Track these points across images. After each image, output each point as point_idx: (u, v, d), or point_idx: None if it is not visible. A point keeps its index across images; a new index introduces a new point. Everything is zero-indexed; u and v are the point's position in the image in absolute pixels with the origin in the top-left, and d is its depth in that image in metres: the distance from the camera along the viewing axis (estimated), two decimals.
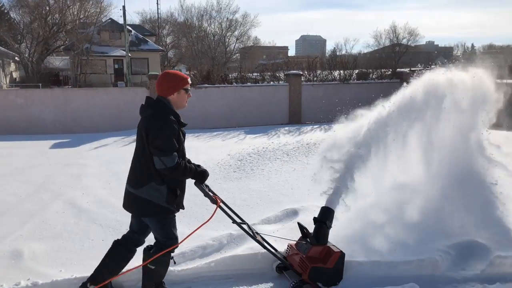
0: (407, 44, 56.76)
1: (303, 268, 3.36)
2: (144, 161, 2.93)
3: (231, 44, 44.97)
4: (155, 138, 2.83)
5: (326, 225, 3.52)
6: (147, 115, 2.95)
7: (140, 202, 2.97)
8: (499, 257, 3.63)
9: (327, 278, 3.35)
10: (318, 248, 3.44)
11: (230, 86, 13.58)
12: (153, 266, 3.05)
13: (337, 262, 3.36)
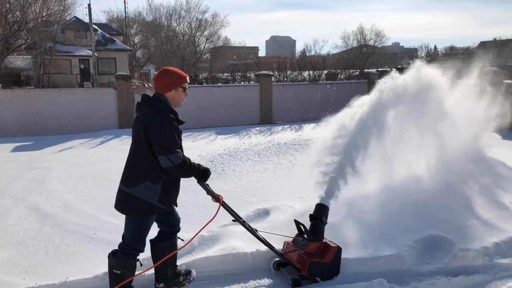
0: (374, 45, 58.30)
1: (302, 264, 3.45)
2: (139, 159, 2.89)
3: (201, 44, 44.65)
4: (159, 137, 2.79)
5: (322, 222, 3.64)
6: (145, 112, 2.88)
7: (131, 201, 2.91)
8: (462, 250, 3.77)
9: (325, 272, 3.47)
10: (315, 243, 3.55)
11: (200, 87, 13.47)
12: (119, 271, 2.98)
13: (334, 257, 3.48)
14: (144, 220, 2.99)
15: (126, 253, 3.00)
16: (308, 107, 14.56)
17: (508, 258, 3.73)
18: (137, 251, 3.05)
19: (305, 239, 3.60)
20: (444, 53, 65.91)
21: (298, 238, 3.68)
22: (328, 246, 3.53)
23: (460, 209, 4.83)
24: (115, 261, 3.00)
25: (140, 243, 3.03)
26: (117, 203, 3.03)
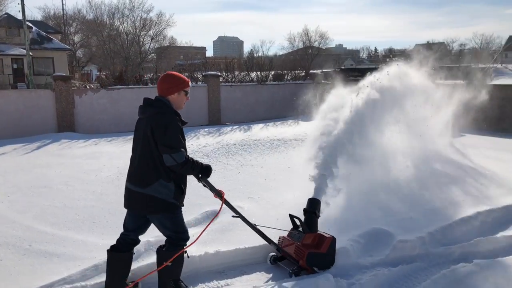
0: (319, 46, 60.03)
1: (300, 255, 3.60)
2: (151, 160, 2.99)
3: (145, 44, 43.33)
4: (163, 136, 2.92)
5: (316, 215, 3.86)
6: (150, 114, 3.01)
7: (149, 200, 3.01)
8: (401, 242, 3.99)
9: (322, 262, 3.62)
10: (310, 235, 3.72)
11: (145, 87, 13.08)
12: (170, 263, 3.10)
13: (330, 247, 3.64)
14: (173, 216, 3.12)
15: (176, 245, 3.15)
16: (256, 108, 14.68)
17: (442, 247, 4.00)
18: (184, 241, 3.18)
19: (300, 232, 3.78)
20: (383, 55, 69.44)
21: (294, 232, 3.86)
22: (323, 237, 3.70)
23: (404, 203, 5.12)
24: (165, 254, 3.12)
25: (183, 233, 3.18)
26: (132, 204, 3.13)
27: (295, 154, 8.30)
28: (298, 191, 5.72)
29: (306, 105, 15.73)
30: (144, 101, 3.11)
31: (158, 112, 2.99)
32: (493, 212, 4.67)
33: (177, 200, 3.09)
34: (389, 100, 5.43)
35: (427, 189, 5.68)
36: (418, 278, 3.52)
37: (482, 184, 5.86)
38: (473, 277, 3.35)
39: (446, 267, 3.61)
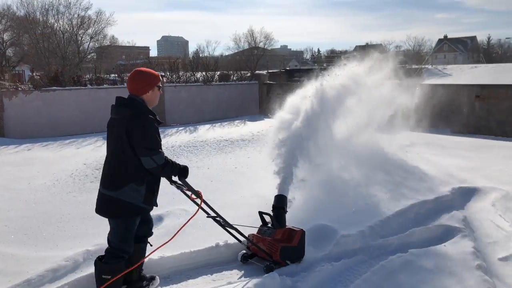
0: (264, 47, 60.79)
1: (272, 250, 3.70)
2: (123, 163, 2.93)
3: (84, 43, 41.28)
4: (142, 139, 2.87)
5: (284, 210, 4.04)
6: (125, 115, 2.91)
7: (116, 203, 2.96)
8: (343, 236, 4.12)
9: (294, 255, 3.75)
10: (281, 230, 3.86)
11: (84, 89, 12.43)
12: (108, 275, 2.98)
13: (300, 240, 3.78)
14: (130, 222, 3.05)
15: (115, 257, 3.03)
16: (202, 108, 14.51)
17: (381, 239, 4.19)
18: (126, 253, 3.08)
19: (270, 228, 3.93)
20: (326, 56, 71.88)
21: (263, 228, 3.99)
22: (293, 231, 3.83)
23: (346, 198, 5.31)
24: (104, 267, 3.00)
25: (128, 245, 3.08)
26: (101, 207, 3.06)
27: (242, 154, 8.32)
28: (245, 191, 5.74)
29: (252, 105, 15.89)
30: (117, 101, 3.02)
31: (134, 114, 2.90)
32: (425, 203, 4.98)
33: (147, 204, 3.06)
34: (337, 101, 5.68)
35: (367, 184, 5.95)
36: (359, 271, 3.65)
37: (416, 177, 6.24)
38: (408, 266, 3.55)
39: (384, 258, 3.79)
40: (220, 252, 4.02)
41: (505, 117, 10.31)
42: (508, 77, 20.72)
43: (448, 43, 69.70)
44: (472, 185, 5.63)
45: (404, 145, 8.82)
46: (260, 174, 6.71)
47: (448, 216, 4.60)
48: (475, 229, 4.35)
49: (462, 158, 7.52)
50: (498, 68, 27.26)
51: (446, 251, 3.75)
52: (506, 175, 6.11)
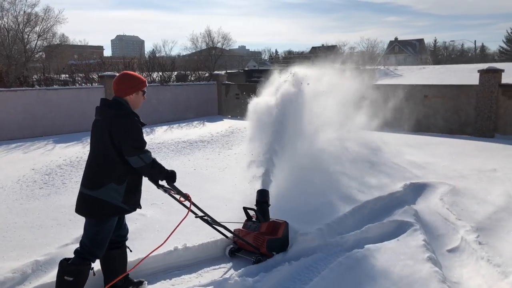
0: (222, 47, 60.61)
1: (259, 243, 3.87)
2: (104, 162, 2.95)
3: (31, 42, 39.17)
4: (129, 138, 2.90)
5: (267, 204, 4.20)
6: (109, 116, 2.94)
7: (94, 203, 2.94)
8: (302, 235, 4.18)
9: (280, 246, 3.95)
10: (266, 223, 4.05)
11: (31, 90, 11.75)
12: (71, 277, 2.91)
13: (284, 231, 3.99)
14: (106, 223, 3.00)
15: (82, 258, 2.97)
16: (159, 109, 14.20)
17: (338, 236, 4.29)
18: (94, 257, 3.02)
19: (255, 222, 4.10)
20: (284, 57, 72.86)
21: (248, 223, 4.16)
22: (277, 223, 4.05)
23: (305, 196, 5.38)
24: (69, 267, 2.92)
25: (98, 248, 3.02)
26: (80, 207, 3.03)
27: (201, 156, 8.23)
28: (204, 193, 5.68)
29: (211, 106, 15.77)
30: (101, 102, 3.04)
31: (117, 115, 2.94)
32: (380, 199, 5.16)
33: (126, 205, 3.02)
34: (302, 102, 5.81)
35: (325, 182, 6.08)
36: (318, 268, 3.71)
37: (370, 174, 6.46)
38: (364, 261, 3.65)
39: (342, 255, 3.88)
40: (179, 255, 3.96)
41: (450, 116, 10.93)
42: (453, 78, 22.04)
43: (399, 45, 72.95)
44: (422, 181, 5.91)
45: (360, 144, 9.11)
46: (219, 176, 6.68)
47: (401, 211, 4.78)
48: (425, 223, 4.56)
49: (413, 155, 7.88)
50: (443, 69, 28.91)
51: (399, 245, 3.90)
52: (452, 171, 6.47)
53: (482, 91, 10.29)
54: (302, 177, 6.13)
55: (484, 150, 8.23)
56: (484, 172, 6.34)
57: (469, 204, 5.05)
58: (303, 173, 6.19)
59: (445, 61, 63.95)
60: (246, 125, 11.74)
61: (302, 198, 5.33)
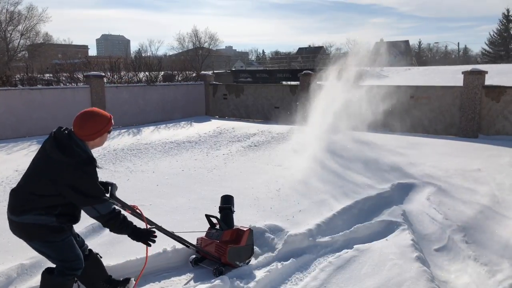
0: (209, 47, 60.39)
1: (221, 253, 3.67)
2: (36, 194, 2.65)
3: (14, 40, 38.42)
4: (81, 190, 2.62)
5: (231, 210, 3.96)
6: (60, 162, 2.62)
7: (26, 227, 2.68)
8: (291, 236, 4.17)
9: (243, 255, 3.75)
10: (229, 231, 3.82)
11: (14, 89, 11.50)
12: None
13: (248, 239, 3.79)
14: (58, 239, 2.74)
15: (64, 274, 2.78)
16: (145, 109, 14.06)
17: (327, 236, 4.30)
18: (76, 270, 2.82)
19: (218, 230, 3.86)
20: (271, 57, 73.01)
21: (211, 231, 3.92)
22: (241, 231, 3.83)
23: (293, 197, 5.41)
24: (49, 282, 2.77)
25: (73, 261, 2.79)
26: (16, 233, 2.78)
27: (189, 156, 8.17)
28: (192, 194, 5.64)
29: (198, 107, 15.69)
30: (54, 140, 2.68)
31: (70, 165, 2.61)
32: (368, 200, 5.20)
33: (62, 223, 2.74)
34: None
35: (313, 182, 6.12)
36: (308, 269, 3.72)
37: (359, 174, 6.51)
38: (354, 261, 3.67)
39: (331, 255, 3.89)
40: (168, 257, 3.91)
41: (435, 116, 11.09)
42: (437, 79, 22.41)
43: (385, 46, 73.75)
44: (409, 181, 5.98)
45: (347, 144, 9.18)
46: (207, 177, 6.64)
47: (389, 211, 4.83)
48: (413, 222, 4.61)
49: (400, 155, 7.97)
50: (428, 70, 29.38)
51: (388, 245, 3.93)
52: (438, 170, 6.56)
53: (466, 92, 10.48)
54: (291, 176, 6.18)
55: (468, 150, 8.37)
56: (469, 172, 6.45)
57: (456, 203, 5.13)
58: (293, 172, 6.23)
59: (430, 62, 64.98)
60: (234, 126, 11.76)
61: (291, 198, 5.35)
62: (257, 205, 5.18)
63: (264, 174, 6.70)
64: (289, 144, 9.35)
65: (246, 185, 6.06)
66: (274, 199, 5.40)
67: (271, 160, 7.71)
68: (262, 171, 6.89)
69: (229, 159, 7.93)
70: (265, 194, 5.62)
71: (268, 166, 7.24)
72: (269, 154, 8.29)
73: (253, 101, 14.77)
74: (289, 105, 13.81)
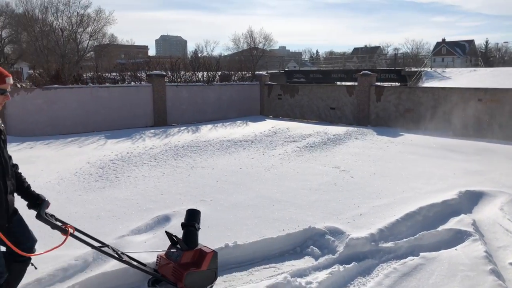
0: (263, 48, 60.81)
1: (177, 277, 3.24)
2: None
3: (83, 41, 41.21)
4: None
5: (195, 228, 3.43)
6: None
7: None
8: (353, 239, 4.10)
9: (203, 280, 3.32)
10: (190, 253, 3.36)
11: (85, 87, 12.36)
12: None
13: (211, 263, 3.34)
14: None
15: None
16: (203, 108, 14.48)
17: (390, 242, 4.18)
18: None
19: (179, 250, 3.39)
20: (325, 57, 71.97)
21: (172, 250, 3.45)
22: (203, 253, 3.37)
23: (352, 200, 5.31)
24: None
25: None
26: None
27: (246, 155, 8.30)
28: (251, 192, 5.73)
29: (253, 106, 15.87)
30: None
31: None
32: (434, 206, 4.97)
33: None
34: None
35: (374, 186, 5.96)
36: (371, 274, 3.64)
37: (422, 179, 6.25)
38: (421, 269, 3.54)
39: (395, 262, 3.78)
40: (229, 252, 3.99)
41: (506, 121, 10.34)
42: (507, 81, 20.82)
43: (446, 46, 70.03)
44: (478, 189, 5.63)
45: (407, 148, 8.84)
46: (265, 175, 6.71)
47: (456, 220, 4.59)
48: (485, 233, 4.34)
49: (465, 162, 7.54)
50: (496, 72, 27.39)
51: (458, 255, 3.74)
52: (511, 179, 6.12)
53: None
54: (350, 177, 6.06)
55: None
56: None
57: None
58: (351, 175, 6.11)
59: (497, 63, 60.61)
60: (288, 126, 11.77)
61: (351, 201, 5.26)
62: (315, 207, 5.15)
63: (321, 175, 6.64)
64: (347, 146, 9.19)
65: (303, 186, 6.05)
66: (332, 201, 5.34)
67: (328, 162, 7.62)
68: (319, 172, 6.83)
69: (285, 159, 7.96)
70: (323, 196, 5.57)
71: (326, 168, 7.16)
72: (326, 155, 8.20)
73: (308, 101, 14.67)
74: (346, 106, 13.55)
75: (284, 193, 5.73)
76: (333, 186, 6.02)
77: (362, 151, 8.56)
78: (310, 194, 5.67)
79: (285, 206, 5.19)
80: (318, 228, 4.41)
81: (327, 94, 14.14)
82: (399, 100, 12.23)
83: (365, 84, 12.97)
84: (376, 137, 10.30)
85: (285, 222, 4.61)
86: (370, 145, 9.23)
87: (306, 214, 4.90)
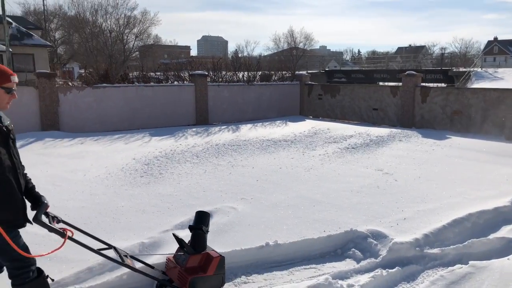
0: (304, 48, 60.45)
1: (182, 282, 3.17)
2: None
3: (129, 42, 42.86)
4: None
5: (203, 231, 3.34)
6: None
7: None
8: (396, 244, 4.00)
9: (209, 286, 3.23)
10: (196, 256, 3.27)
11: (131, 86, 12.87)
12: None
13: (217, 268, 3.24)
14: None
15: (19, 278, 2.57)
16: (243, 108, 14.62)
17: (436, 248, 4.04)
18: (28, 268, 2.60)
19: (186, 253, 3.31)
20: (367, 57, 70.36)
21: (179, 253, 3.38)
22: (210, 257, 3.27)
23: (396, 204, 5.18)
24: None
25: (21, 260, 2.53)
26: None
27: (285, 155, 8.30)
28: (291, 192, 5.74)
29: (293, 106, 15.82)
30: None
31: None
32: (484, 213, 4.75)
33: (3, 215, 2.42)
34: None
35: (419, 190, 5.78)
36: (415, 280, 3.54)
37: (471, 185, 5.98)
38: (470, 278, 3.39)
39: (442, 269, 3.65)
40: (270, 251, 4.02)
41: None
42: None
43: (499, 45, 66.27)
44: None
45: (454, 151, 8.47)
46: (305, 176, 6.68)
47: (509, 228, 4.37)
48: None
49: None
50: None
51: (511, 265, 3.55)
52: None
53: None
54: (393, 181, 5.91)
55: None
56: None
57: None
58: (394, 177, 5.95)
59: None
60: (329, 127, 11.63)
61: (395, 205, 5.13)
62: (357, 209, 5.07)
63: (363, 177, 6.52)
64: (390, 148, 8.95)
65: (344, 187, 5.97)
66: (375, 204, 5.23)
67: (371, 164, 7.46)
68: (361, 174, 6.71)
69: (325, 160, 7.88)
70: (365, 198, 5.47)
71: (368, 170, 7.02)
72: (368, 157, 8.03)
73: (350, 102, 14.42)
74: (389, 107, 13.19)
75: (325, 194, 5.68)
76: (376, 189, 5.90)
77: (406, 154, 8.31)
78: (351, 196, 5.59)
79: (326, 207, 5.15)
80: (360, 231, 4.35)
81: (370, 95, 13.83)
82: (446, 101, 11.74)
83: (410, 84, 12.56)
84: (421, 139, 9.95)
85: (326, 224, 4.57)
86: (414, 148, 8.94)
87: (347, 216, 4.83)
